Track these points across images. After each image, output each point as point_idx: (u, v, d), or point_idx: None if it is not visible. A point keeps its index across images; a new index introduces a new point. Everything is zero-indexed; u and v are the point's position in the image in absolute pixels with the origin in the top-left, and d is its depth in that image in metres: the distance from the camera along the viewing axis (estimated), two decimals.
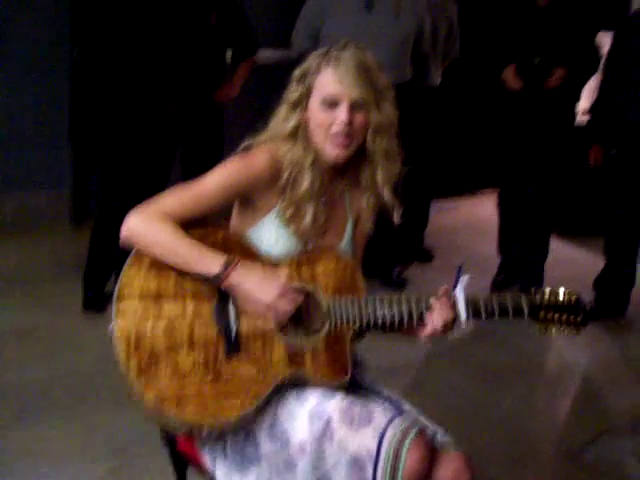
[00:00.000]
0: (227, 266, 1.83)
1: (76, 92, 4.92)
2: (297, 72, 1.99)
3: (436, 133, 5.03)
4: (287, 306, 1.85)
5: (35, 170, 5.13)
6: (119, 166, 3.94)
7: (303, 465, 1.79)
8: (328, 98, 1.92)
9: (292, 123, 1.96)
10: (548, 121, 4.39)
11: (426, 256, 5.23)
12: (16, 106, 4.97)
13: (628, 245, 4.35)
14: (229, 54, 4.50)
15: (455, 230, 5.73)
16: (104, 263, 3.94)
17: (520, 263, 4.68)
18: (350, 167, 2.02)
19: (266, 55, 5.02)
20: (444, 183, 5.87)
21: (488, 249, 5.00)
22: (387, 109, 1.96)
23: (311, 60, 1.97)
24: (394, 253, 4.79)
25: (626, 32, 4.19)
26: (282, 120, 1.99)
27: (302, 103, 1.96)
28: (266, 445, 1.83)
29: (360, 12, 4.20)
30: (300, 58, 2.07)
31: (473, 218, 5.69)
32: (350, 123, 1.91)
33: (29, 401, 3.15)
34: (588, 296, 4.29)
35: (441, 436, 1.88)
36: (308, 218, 1.97)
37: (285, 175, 1.94)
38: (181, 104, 4.06)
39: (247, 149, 1.96)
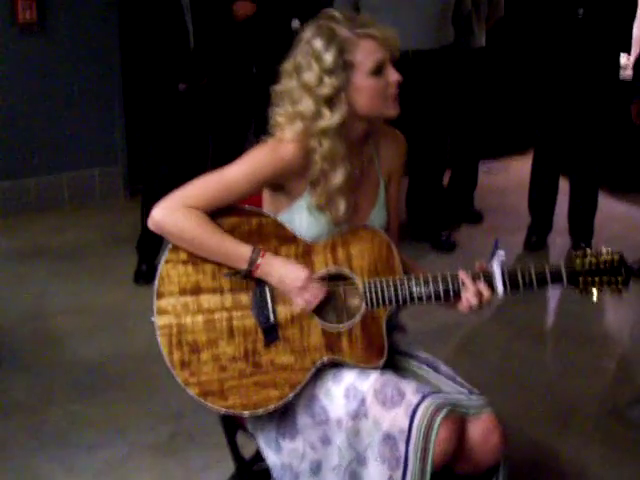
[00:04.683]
0: (252, 263, 1.82)
1: (127, 74, 5.03)
2: (318, 67, 1.84)
3: (483, 94, 4.84)
4: (311, 298, 1.85)
5: (90, 148, 5.18)
6: (161, 138, 3.98)
7: (339, 441, 1.82)
8: (378, 65, 1.86)
9: (335, 119, 1.85)
10: (593, 74, 4.27)
11: (476, 217, 5.02)
12: (70, 87, 5.04)
13: None
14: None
15: (505, 191, 5.63)
16: (154, 235, 4.01)
17: (569, 220, 4.59)
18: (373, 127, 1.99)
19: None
20: (493, 143, 5.81)
21: None
22: None
23: (332, 47, 1.82)
24: (443, 215, 4.74)
25: None
26: (312, 117, 1.86)
27: (340, 94, 1.85)
28: (303, 420, 1.87)
29: None
30: None
31: (523, 178, 5.62)
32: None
33: (85, 376, 3.23)
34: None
35: (475, 398, 1.89)
36: (342, 208, 1.91)
37: (317, 168, 1.88)
38: (212, 76, 4.06)
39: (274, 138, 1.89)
